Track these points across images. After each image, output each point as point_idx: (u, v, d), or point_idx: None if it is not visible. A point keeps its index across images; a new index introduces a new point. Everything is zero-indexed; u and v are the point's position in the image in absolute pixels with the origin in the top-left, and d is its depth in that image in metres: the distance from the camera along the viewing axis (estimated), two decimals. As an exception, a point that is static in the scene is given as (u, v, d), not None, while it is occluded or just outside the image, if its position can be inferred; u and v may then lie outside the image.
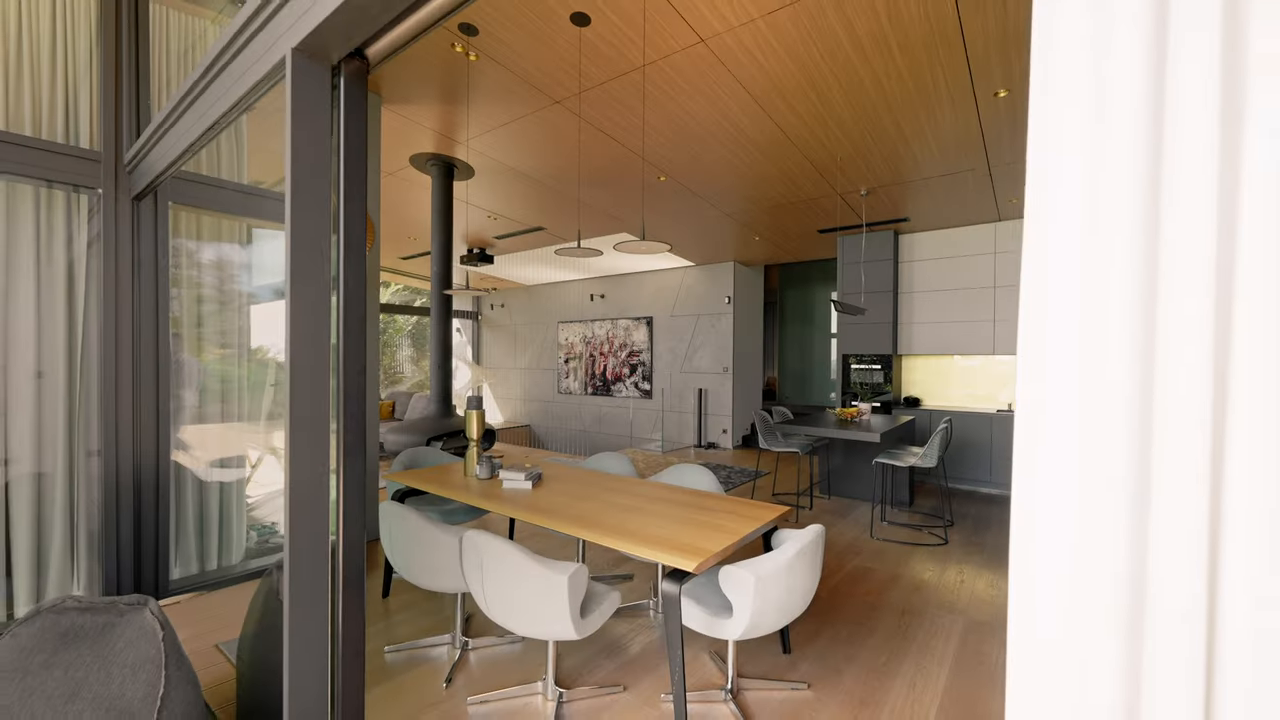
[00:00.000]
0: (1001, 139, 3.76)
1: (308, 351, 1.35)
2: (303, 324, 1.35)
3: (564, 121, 3.77)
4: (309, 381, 1.35)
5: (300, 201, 1.35)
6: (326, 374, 1.38)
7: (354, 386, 1.41)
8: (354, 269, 1.41)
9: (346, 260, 1.40)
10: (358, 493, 1.41)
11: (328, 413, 1.38)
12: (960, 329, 5.72)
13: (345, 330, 1.40)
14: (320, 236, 1.38)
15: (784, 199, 5.13)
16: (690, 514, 2.15)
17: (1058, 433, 0.51)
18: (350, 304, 1.40)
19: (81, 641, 1.53)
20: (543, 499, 2.35)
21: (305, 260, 1.35)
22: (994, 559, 3.54)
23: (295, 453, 1.32)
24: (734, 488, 5.39)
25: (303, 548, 1.34)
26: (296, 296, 1.34)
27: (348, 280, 1.40)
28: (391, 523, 2.09)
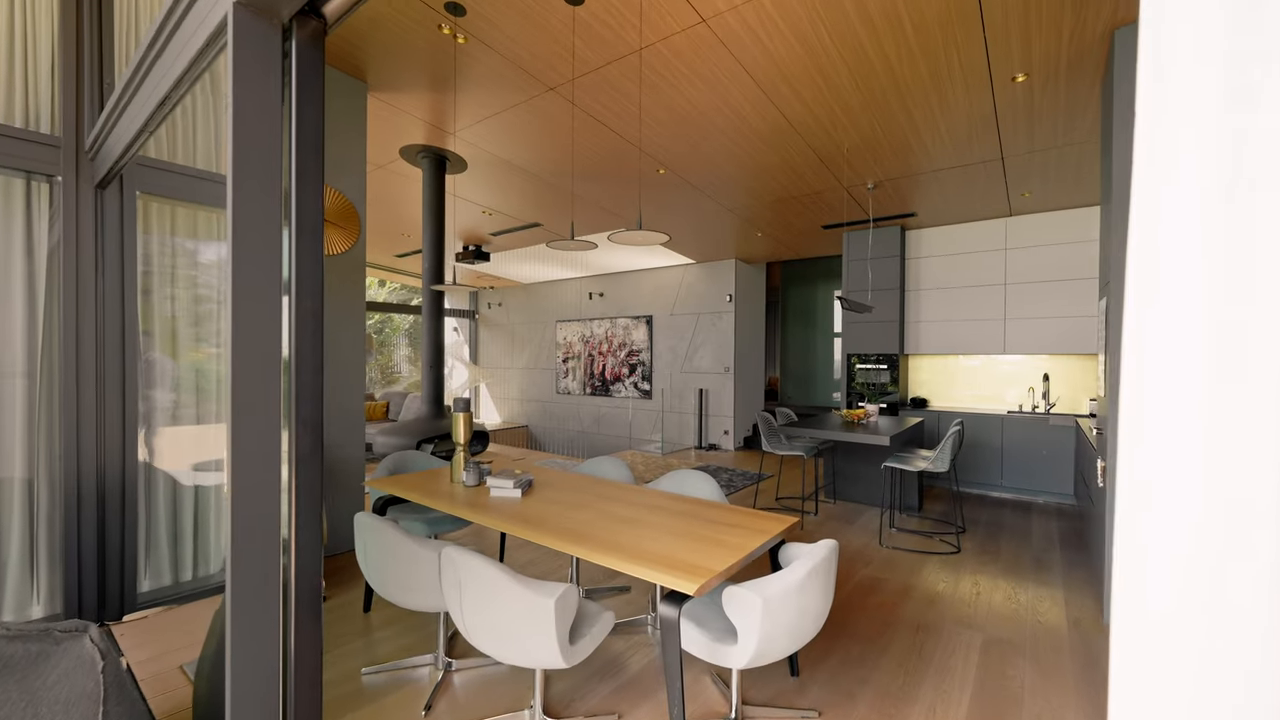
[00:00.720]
0: (1017, 127, 3.59)
1: (253, 351, 1.19)
2: (248, 321, 1.18)
3: (558, 110, 3.60)
4: (255, 385, 1.18)
5: (245, 183, 1.18)
6: (276, 376, 1.22)
7: (308, 390, 1.24)
8: (308, 260, 1.24)
9: (299, 250, 1.23)
10: (312, 507, 1.25)
11: (277, 421, 1.21)
12: (970, 328, 5.55)
13: (298, 327, 1.23)
14: (268, 223, 1.21)
15: (787, 193, 4.96)
16: (691, 526, 1.98)
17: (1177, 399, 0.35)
18: (304, 298, 1.24)
19: (7, 675, 1.36)
20: (532, 509, 2.18)
21: (250, 250, 1.19)
22: (1010, 569, 3.37)
23: (238, 465, 1.16)
24: (736, 491, 5.23)
25: (247, 569, 1.18)
26: (241, 290, 1.17)
27: (301, 272, 1.23)
28: (366, 536, 1.92)
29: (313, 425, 1.26)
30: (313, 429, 1.26)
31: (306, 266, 1.25)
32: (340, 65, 3.28)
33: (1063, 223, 5.06)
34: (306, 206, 1.25)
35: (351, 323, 3.44)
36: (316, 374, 1.27)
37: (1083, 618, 2.73)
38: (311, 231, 1.26)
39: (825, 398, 8.63)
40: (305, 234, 1.25)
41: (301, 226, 1.24)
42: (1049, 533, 4.11)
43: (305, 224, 1.25)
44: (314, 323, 1.27)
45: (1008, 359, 5.58)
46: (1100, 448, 2.93)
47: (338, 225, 3.32)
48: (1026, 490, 5.07)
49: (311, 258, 1.26)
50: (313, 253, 1.26)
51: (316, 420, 1.27)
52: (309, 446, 1.25)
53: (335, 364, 3.36)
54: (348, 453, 3.42)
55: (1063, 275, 5.07)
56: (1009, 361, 5.57)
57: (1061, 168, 4.18)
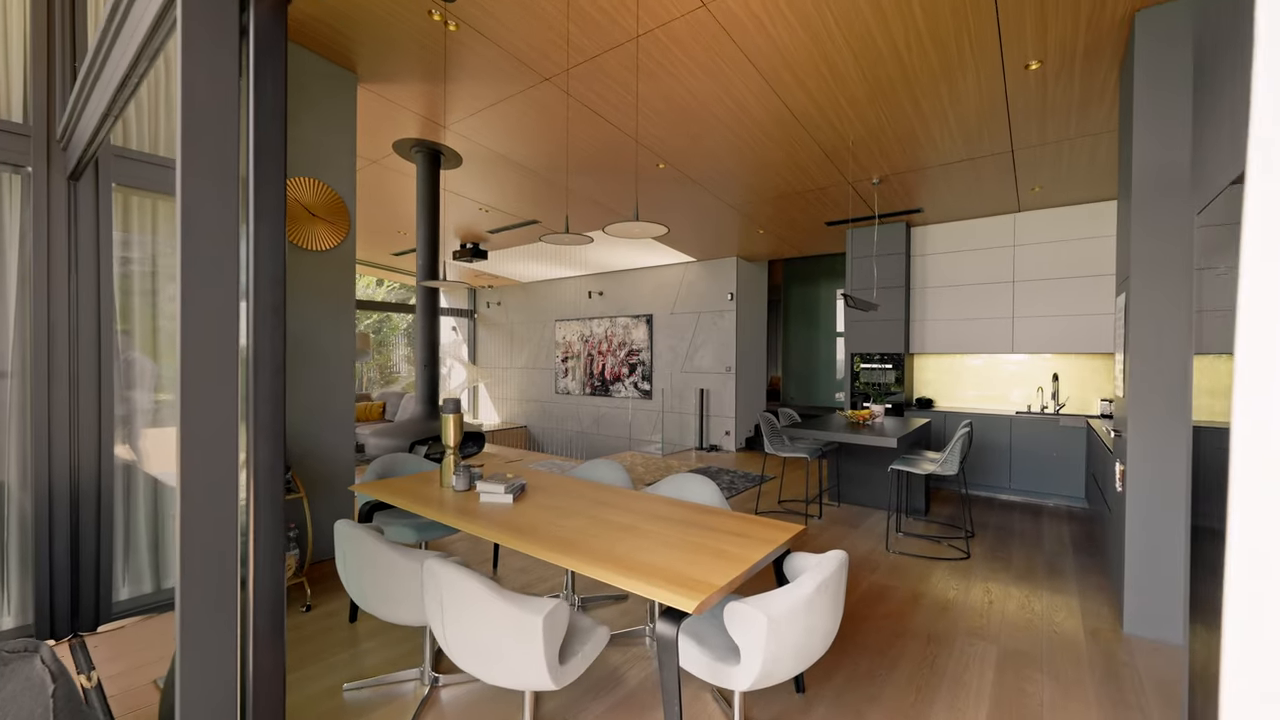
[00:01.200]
0: (1029, 118, 3.47)
1: (207, 350, 1.08)
2: (200, 317, 1.07)
3: (554, 102, 3.49)
4: (208, 387, 1.07)
5: (196, 168, 1.07)
6: (232, 377, 1.11)
7: (267, 392, 1.13)
8: (269, 252, 1.13)
9: (259, 241, 1.12)
10: (273, 519, 1.14)
11: (233, 426, 1.10)
12: (977, 326, 5.43)
13: (256, 324, 1.12)
14: (223, 211, 1.10)
15: (790, 188, 4.84)
16: (690, 534, 1.87)
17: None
18: (263, 293, 1.13)
19: (-55, 701, 1.26)
20: (523, 515, 2.07)
21: (203, 240, 1.07)
22: (1023, 575, 3.25)
23: (189, 476, 1.05)
24: (738, 494, 5.11)
25: (200, 589, 1.06)
26: (192, 283, 1.06)
27: (260, 265, 1.12)
28: (345, 545, 1.82)
29: (273, 430, 1.15)
30: (273, 434, 1.15)
31: (266, 259, 1.14)
32: (328, 54, 3.17)
33: (1073, 218, 4.94)
34: (266, 194, 1.13)
35: (341, 321, 3.33)
36: (277, 375, 1.16)
37: (1100, 627, 2.62)
38: (272, 221, 1.15)
39: (828, 398, 8.50)
40: (265, 223, 1.14)
41: (261, 215, 1.13)
42: (1060, 537, 3.99)
43: (265, 212, 1.13)
44: (274, 319, 1.16)
45: (1016, 358, 5.45)
46: (1119, 451, 2.82)
47: (325, 220, 3.22)
48: (1036, 493, 4.95)
49: (272, 249, 1.15)
50: (273, 244, 1.15)
51: (277, 425, 1.16)
52: (269, 453, 1.14)
53: (324, 364, 3.25)
54: (337, 454, 3.32)
55: (1073, 272, 4.94)
56: (1017, 361, 5.45)
57: (1074, 161, 4.06)
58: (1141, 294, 2.53)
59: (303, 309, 3.15)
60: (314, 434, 3.20)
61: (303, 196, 3.13)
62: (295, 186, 3.10)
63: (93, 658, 2.31)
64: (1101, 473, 3.65)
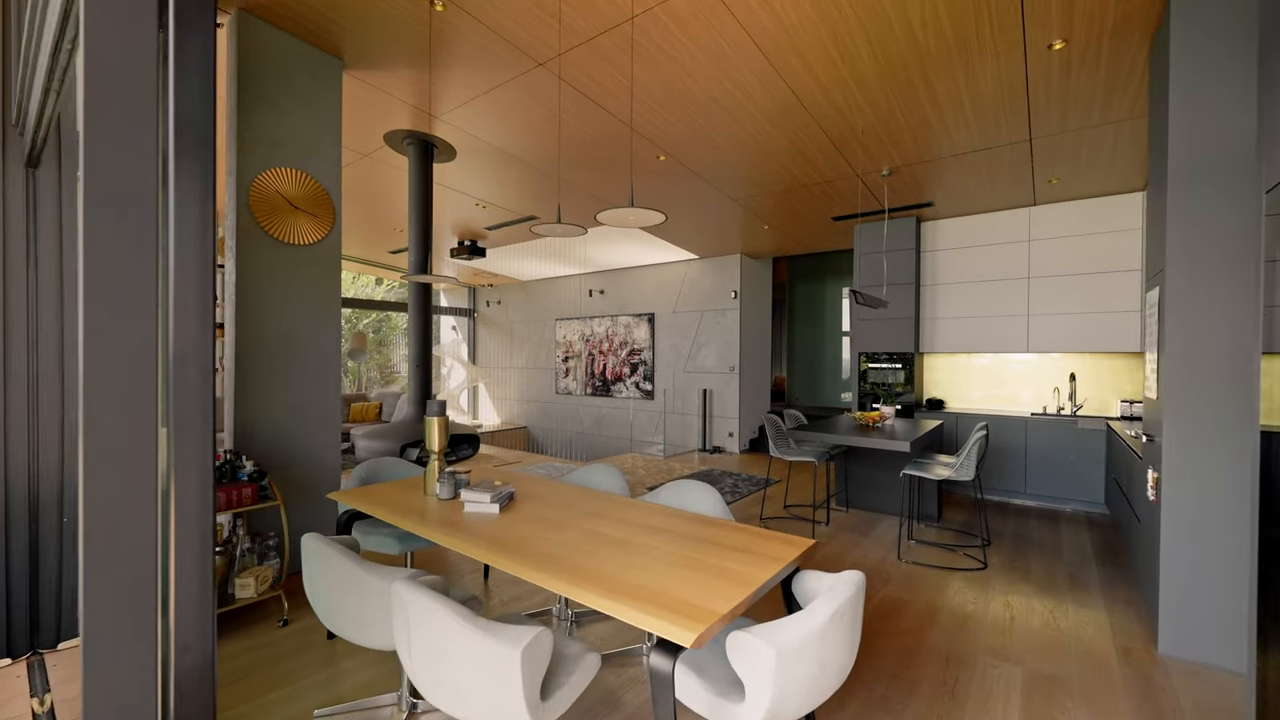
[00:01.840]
0: (1050, 104, 3.28)
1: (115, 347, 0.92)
2: (106, 308, 0.91)
3: (549, 89, 3.33)
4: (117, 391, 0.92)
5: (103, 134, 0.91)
6: (149, 379, 0.95)
7: (194, 396, 0.97)
8: (194, 234, 0.97)
9: (182, 221, 0.96)
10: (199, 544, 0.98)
11: (151, 431, 0.95)
12: (989, 325, 5.23)
13: (178, 317, 0.96)
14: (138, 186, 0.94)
15: (796, 181, 4.67)
16: (690, 550, 1.70)
17: None
18: (188, 281, 0.97)
19: None
20: (510, 528, 1.91)
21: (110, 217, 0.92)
22: (1044, 587, 3.06)
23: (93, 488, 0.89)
24: (742, 498, 4.94)
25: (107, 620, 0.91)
26: (95, 266, 0.90)
27: (185, 249, 0.96)
28: (311, 562, 1.66)
29: (201, 437, 0.99)
30: (201, 441, 0.99)
31: (191, 243, 0.98)
32: (311, 39, 3.02)
33: (1093, 211, 4.74)
34: (190, 167, 0.97)
35: (326, 318, 3.18)
36: (206, 375, 1.00)
37: (1133, 647, 2.43)
38: (199, 198, 0.99)
39: (834, 398, 8.32)
40: (189, 202, 0.98)
41: (184, 193, 0.97)
42: (1081, 546, 3.80)
43: (188, 190, 0.97)
44: (202, 311, 1.00)
45: (1030, 358, 5.26)
46: (1150, 456, 2.63)
47: (309, 213, 3.06)
48: (1052, 498, 4.76)
49: (198, 231, 0.99)
50: (200, 224, 0.99)
51: (206, 431, 1.00)
52: (197, 463, 0.98)
53: (309, 362, 3.10)
54: (323, 457, 3.17)
55: (1092, 268, 4.75)
56: (1032, 361, 5.25)
57: (1095, 151, 3.86)
58: (1178, 289, 2.34)
59: (286, 305, 3.00)
60: (298, 436, 3.05)
61: (284, 188, 2.98)
62: (277, 178, 2.95)
63: (50, 678, 2.17)
64: (1126, 478, 3.46)
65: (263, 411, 2.92)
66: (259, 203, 2.88)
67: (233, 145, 2.84)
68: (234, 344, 2.83)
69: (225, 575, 2.39)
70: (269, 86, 2.92)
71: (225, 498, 2.32)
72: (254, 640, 2.36)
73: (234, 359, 2.83)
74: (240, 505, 2.37)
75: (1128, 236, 4.60)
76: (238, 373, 2.83)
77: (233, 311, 2.84)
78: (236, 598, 2.38)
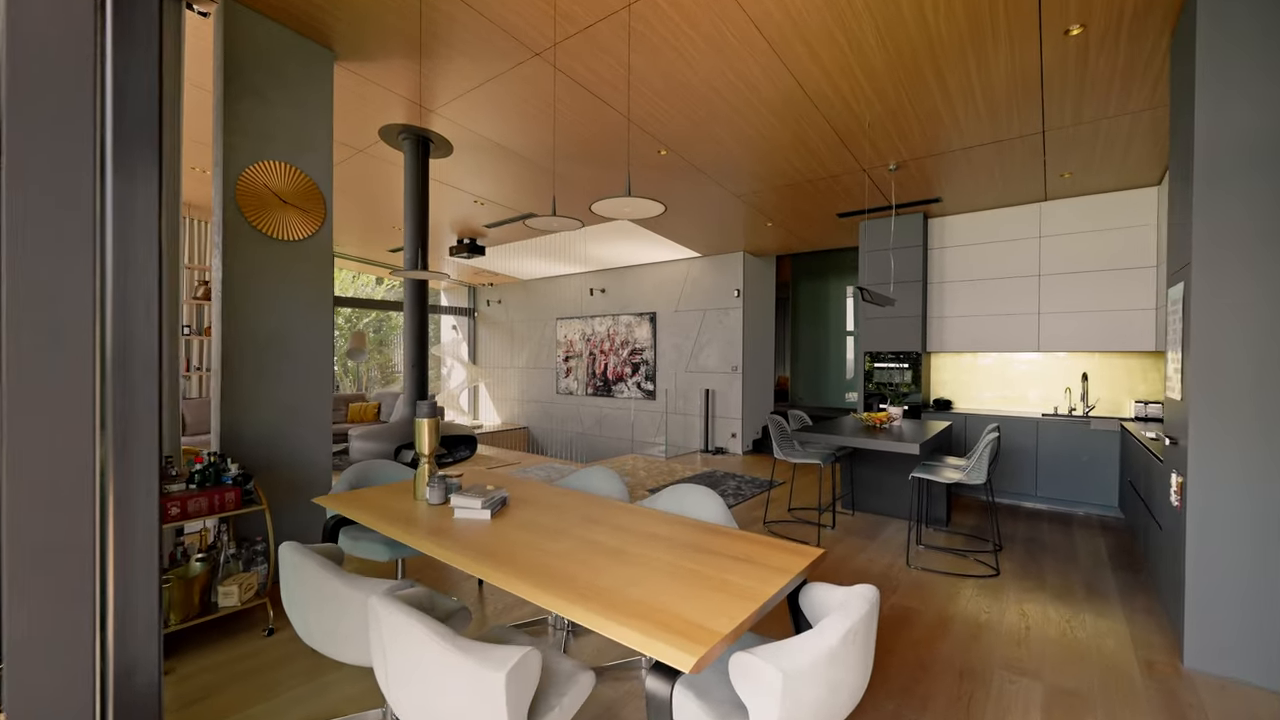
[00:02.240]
0: (1065, 94, 3.17)
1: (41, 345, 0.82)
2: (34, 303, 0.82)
3: (545, 81, 3.23)
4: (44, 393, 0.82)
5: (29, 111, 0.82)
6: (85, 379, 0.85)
7: (138, 399, 0.88)
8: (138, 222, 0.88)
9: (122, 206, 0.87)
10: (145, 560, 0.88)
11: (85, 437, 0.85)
12: (999, 323, 5.11)
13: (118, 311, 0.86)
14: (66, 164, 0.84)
15: (801, 176, 4.56)
16: (691, 560, 1.60)
17: None
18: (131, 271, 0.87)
19: None
20: (501, 536, 1.81)
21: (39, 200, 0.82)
22: (1060, 594, 2.95)
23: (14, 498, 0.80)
24: (745, 500, 4.83)
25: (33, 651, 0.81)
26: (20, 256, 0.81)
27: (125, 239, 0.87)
28: (288, 572, 1.56)
29: (144, 447, 0.89)
30: (145, 448, 0.89)
31: (136, 234, 0.88)
32: (301, 29, 2.93)
33: (1106, 207, 4.62)
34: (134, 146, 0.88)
35: (317, 315, 3.09)
36: (151, 375, 0.90)
37: (1156, 660, 2.32)
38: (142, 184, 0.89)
39: (838, 399, 8.21)
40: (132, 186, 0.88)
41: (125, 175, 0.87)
42: (1096, 551, 3.69)
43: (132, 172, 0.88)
44: (146, 305, 0.90)
45: (1040, 357, 5.14)
46: (1173, 460, 2.52)
47: (298, 207, 2.98)
48: (1064, 501, 4.64)
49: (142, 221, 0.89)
50: (144, 214, 0.89)
51: (151, 437, 0.90)
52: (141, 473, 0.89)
53: (299, 361, 3.01)
54: (314, 459, 3.08)
55: (1105, 265, 4.62)
56: (1041, 360, 5.13)
57: (1110, 143, 3.75)
58: (1205, 285, 2.23)
59: (276, 303, 2.92)
60: (288, 438, 2.96)
61: (273, 182, 2.89)
62: (265, 171, 2.86)
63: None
64: (1144, 482, 3.35)
65: (251, 412, 2.83)
66: (247, 197, 2.79)
67: (219, 138, 2.76)
68: (220, 342, 2.75)
69: (208, 583, 2.30)
70: (257, 78, 2.83)
71: (207, 502, 2.23)
72: (237, 650, 2.27)
73: (220, 358, 2.74)
74: (223, 510, 2.28)
75: (1141, 233, 4.47)
76: (224, 372, 2.74)
77: (219, 309, 2.76)
78: (220, 606, 2.29)
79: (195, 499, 2.20)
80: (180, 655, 2.22)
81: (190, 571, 2.28)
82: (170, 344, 2.61)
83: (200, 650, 2.25)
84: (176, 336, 2.61)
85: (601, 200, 2.03)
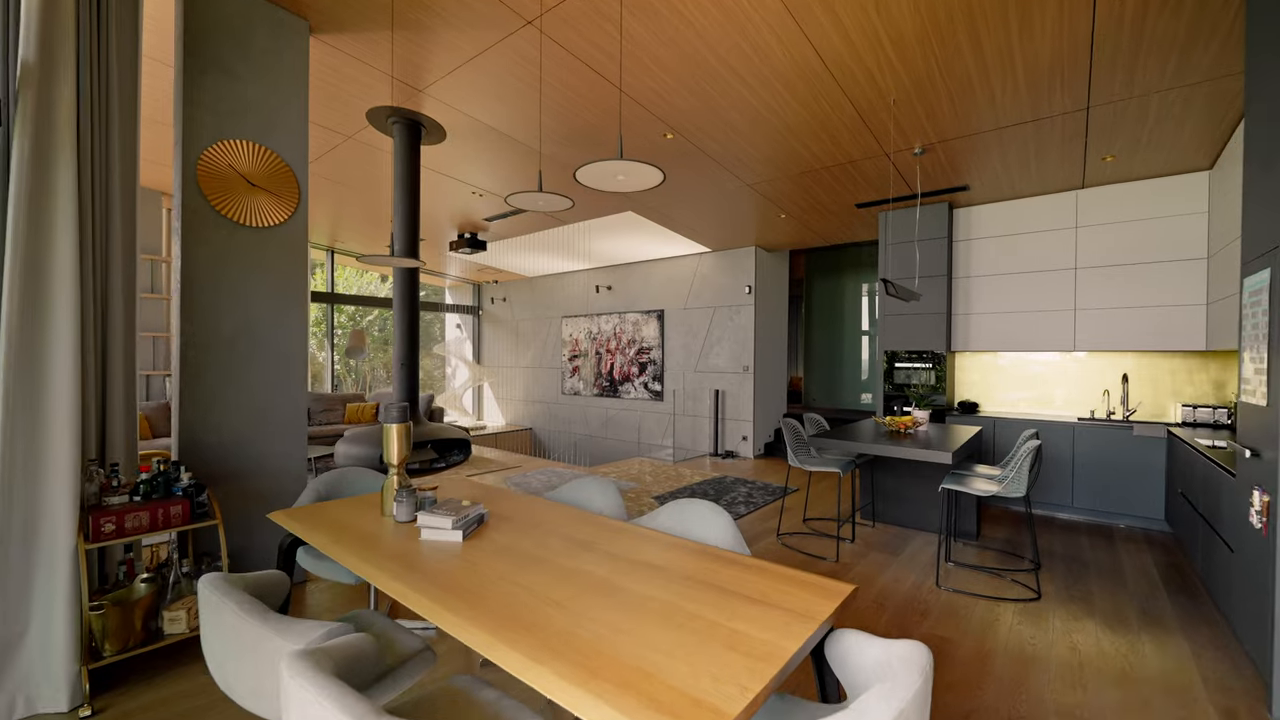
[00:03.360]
0: (1117, 62, 2.83)
1: None
2: None
3: (539, 54, 2.96)
4: None
5: None
6: None
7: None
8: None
9: None
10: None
11: None
12: (1031, 320, 4.77)
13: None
14: None
15: (818, 161, 4.25)
16: (693, 601, 1.32)
17: None
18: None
19: None
20: (469, 566, 1.54)
21: None
22: (1112, 623, 2.62)
23: None
24: (757, 509, 4.53)
25: None
26: None
27: None
28: (204, 613, 1.30)
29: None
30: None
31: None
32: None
33: (1151, 194, 4.26)
34: None
35: (290, 310, 2.84)
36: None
37: (1236, 707, 2.00)
38: None
39: (853, 400, 7.86)
40: None
41: None
42: (1145, 570, 3.34)
43: None
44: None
45: (1077, 357, 4.78)
46: (1259, 475, 2.18)
47: (269, 191, 2.73)
48: (1103, 512, 4.29)
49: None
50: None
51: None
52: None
53: (269, 360, 2.76)
54: (285, 465, 2.83)
55: (1150, 257, 4.26)
56: (1077, 360, 4.77)
57: (1162, 120, 3.40)
58: (1301, 269, 1.90)
59: (244, 295, 2.67)
60: (257, 443, 2.72)
61: (240, 163, 2.64)
62: (230, 151, 2.62)
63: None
64: (1204, 497, 3.00)
65: (214, 415, 2.59)
66: (210, 179, 2.55)
67: (179, 114, 2.52)
68: (179, 339, 2.51)
69: (153, 606, 2.06)
70: (222, 48, 2.59)
71: (149, 517, 1.98)
72: (184, 684, 2.02)
73: (180, 356, 2.50)
74: (168, 525, 2.03)
75: (1190, 222, 4.11)
76: (184, 372, 2.50)
77: (179, 302, 2.51)
78: (165, 633, 2.04)
79: (135, 513, 1.95)
80: (118, 690, 1.97)
81: (134, 594, 2.03)
82: (126, 341, 2.37)
83: (141, 684, 2.01)
84: (133, 332, 2.37)
85: (587, 166, 1.74)
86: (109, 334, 2.37)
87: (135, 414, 2.46)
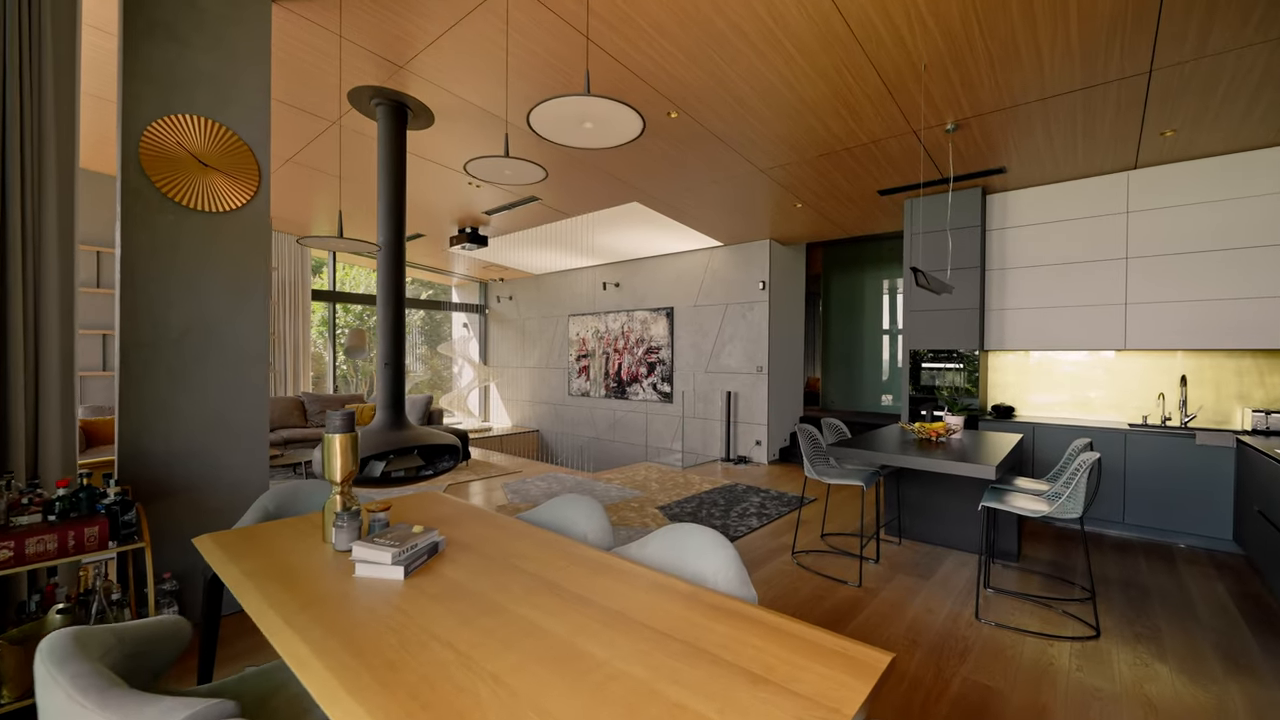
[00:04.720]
0: (1190, 14, 2.43)
1: None
2: None
3: (526, 20, 2.65)
4: None
5: None
6: None
7: None
8: None
9: None
10: None
11: None
12: (1075, 316, 4.34)
13: None
14: None
15: (838, 142, 3.88)
16: (679, 677, 0.99)
17: None
18: None
19: None
20: (403, 615, 1.23)
21: None
22: (1189, 669, 2.22)
23: None
24: (771, 521, 4.17)
25: None
26: None
27: None
28: (38, 692, 1.01)
29: None
30: None
31: None
32: (226, -45, 2.42)
33: (1216, 173, 3.81)
34: None
35: (249, 304, 2.57)
36: None
37: (1367, 791, 1.60)
38: None
39: (874, 403, 7.43)
40: None
41: None
42: (1216, 598, 2.92)
43: None
44: None
45: (1121, 357, 4.33)
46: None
47: (224, 172, 2.46)
48: (1159, 530, 3.85)
49: None
50: None
51: None
52: None
53: (225, 361, 2.50)
54: (243, 477, 2.56)
55: (1215, 244, 3.81)
56: (1125, 360, 4.33)
57: (1236, 87, 2.97)
58: None
59: (196, 287, 2.41)
60: (211, 452, 2.45)
61: (190, 141, 2.38)
62: (177, 127, 2.35)
63: None
64: (1294, 517, 2.58)
65: (161, 422, 2.33)
66: (154, 159, 2.29)
67: (120, 86, 2.26)
68: (120, 336, 2.25)
69: (67, 643, 1.78)
70: (166, 10, 2.32)
71: (58, 540, 1.71)
72: (100, 734, 1.74)
73: (120, 355, 2.24)
74: (81, 550, 1.76)
75: (1263, 204, 3.65)
76: (123, 374, 2.24)
77: (120, 294, 2.26)
78: (80, 674, 1.77)
79: (41, 536, 1.68)
80: (21, 741, 1.70)
81: (45, 628, 1.77)
82: (63, 339, 2.12)
83: (49, 734, 1.73)
84: (70, 329, 2.12)
85: (542, 104, 1.41)
86: (42, 331, 2.13)
87: (74, 420, 2.20)
